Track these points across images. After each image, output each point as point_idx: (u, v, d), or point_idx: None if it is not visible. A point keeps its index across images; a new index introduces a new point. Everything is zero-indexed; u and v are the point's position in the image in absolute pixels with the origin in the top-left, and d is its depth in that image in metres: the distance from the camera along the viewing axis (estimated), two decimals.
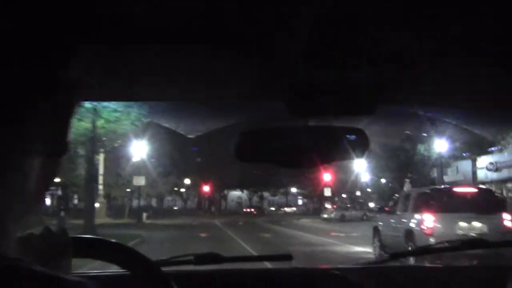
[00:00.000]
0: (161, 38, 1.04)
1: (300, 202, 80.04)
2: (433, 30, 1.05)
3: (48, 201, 49.27)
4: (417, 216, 11.43)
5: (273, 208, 65.92)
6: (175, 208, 63.72)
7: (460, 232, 10.65)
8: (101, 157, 33.40)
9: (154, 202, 59.96)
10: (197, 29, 1.02)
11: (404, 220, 12.05)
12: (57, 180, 29.30)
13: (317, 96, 1.26)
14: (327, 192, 39.63)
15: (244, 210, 65.56)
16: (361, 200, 46.56)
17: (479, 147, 28.56)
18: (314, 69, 1.17)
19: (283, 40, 1.07)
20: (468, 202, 11.28)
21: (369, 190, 46.40)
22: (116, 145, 26.78)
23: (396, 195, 15.53)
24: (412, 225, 11.46)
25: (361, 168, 39.10)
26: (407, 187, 47.38)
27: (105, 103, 16.26)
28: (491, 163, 29.45)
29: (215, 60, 1.19)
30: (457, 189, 12.33)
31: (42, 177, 0.62)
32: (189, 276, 1.82)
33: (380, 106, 1.30)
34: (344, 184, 45.31)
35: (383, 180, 45.20)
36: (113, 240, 1.06)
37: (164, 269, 1.37)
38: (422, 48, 1.13)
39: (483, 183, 32.79)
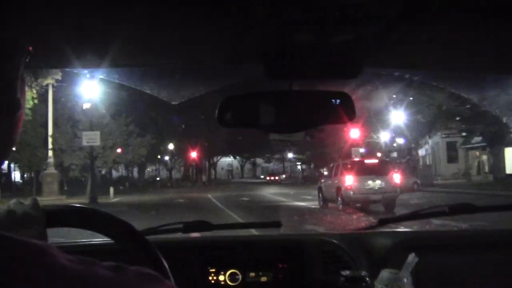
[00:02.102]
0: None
1: (299, 168, 71.49)
2: None
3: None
4: (342, 178, 17.79)
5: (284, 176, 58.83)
6: (158, 179, 54.26)
7: (368, 187, 17.17)
8: (50, 112, 24.00)
9: (135, 173, 51.15)
10: None
11: (336, 181, 18.36)
12: None
13: (296, 58, 1.23)
14: (356, 154, 29.98)
15: (268, 178, 61.48)
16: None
17: None
18: (294, 31, 1.14)
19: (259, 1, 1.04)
20: (373, 168, 17.97)
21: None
22: None
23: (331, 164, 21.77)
24: (340, 184, 17.82)
25: (398, 120, 30.02)
26: (424, 150, 39.19)
27: None
28: None
29: (190, 23, 1.14)
30: (366, 161, 19.60)
31: None
32: (178, 244, 1.87)
33: (364, 69, 1.28)
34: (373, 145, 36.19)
35: (400, 141, 37.51)
36: (93, 208, 1.03)
37: (152, 237, 1.67)
38: (403, 8, 1.07)
39: None
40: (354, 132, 30.47)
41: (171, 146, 48.14)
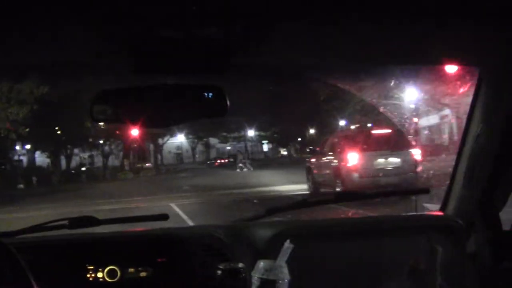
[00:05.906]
0: None
1: (265, 148, 59.95)
2: None
3: None
4: (343, 155, 13.61)
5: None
6: (83, 169, 40.52)
7: (379, 166, 13.10)
8: None
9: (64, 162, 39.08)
10: None
11: (333, 159, 14.37)
12: None
13: (163, 53, 1.26)
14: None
15: (219, 161, 51.52)
16: None
17: None
18: (159, 26, 1.17)
19: None
20: (384, 142, 13.74)
21: None
22: None
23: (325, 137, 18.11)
24: (339, 163, 13.76)
25: None
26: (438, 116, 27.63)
27: None
28: None
29: (59, 19, 1.14)
30: (375, 131, 15.10)
31: None
32: (59, 241, 1.84)
33: (233, 63, 1.29)
34: None
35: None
36: None
37: (36, 235, 1.78)
38: (267, 4, 1.11)
39: None
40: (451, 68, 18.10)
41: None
